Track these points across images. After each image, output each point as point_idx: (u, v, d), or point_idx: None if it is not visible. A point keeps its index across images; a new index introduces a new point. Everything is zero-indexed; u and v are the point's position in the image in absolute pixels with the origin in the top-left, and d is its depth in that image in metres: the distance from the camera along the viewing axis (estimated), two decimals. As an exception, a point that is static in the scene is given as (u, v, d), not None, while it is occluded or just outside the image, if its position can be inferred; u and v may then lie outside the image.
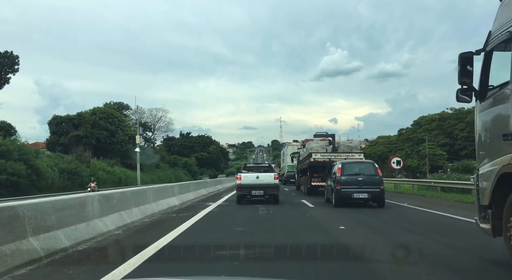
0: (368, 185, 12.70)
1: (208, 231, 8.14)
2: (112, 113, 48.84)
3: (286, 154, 46.86)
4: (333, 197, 13.16)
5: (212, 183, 26.37)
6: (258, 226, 8.66)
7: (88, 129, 44.85)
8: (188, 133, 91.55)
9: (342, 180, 12.89)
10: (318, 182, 18.90)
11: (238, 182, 14.84)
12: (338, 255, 5.68)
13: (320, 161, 18.49)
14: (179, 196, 14.85)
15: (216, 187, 26.80)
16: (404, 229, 8.35)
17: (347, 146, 19.56)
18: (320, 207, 13.32)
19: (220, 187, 28.06)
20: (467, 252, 5.75)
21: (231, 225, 8.79)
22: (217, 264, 5.02)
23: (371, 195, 12.70)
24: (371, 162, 14.16)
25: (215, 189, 25.43)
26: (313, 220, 9.97)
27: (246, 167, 16.50)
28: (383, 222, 9.44)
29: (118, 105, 57.23)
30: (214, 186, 25.75)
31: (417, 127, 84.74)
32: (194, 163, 78.11)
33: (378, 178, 12.96)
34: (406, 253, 5.75)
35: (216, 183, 28.40)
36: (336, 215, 10.96)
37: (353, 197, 12.73)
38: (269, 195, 14.51)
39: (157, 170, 57.52)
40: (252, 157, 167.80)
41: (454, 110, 76.70)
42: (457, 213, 10.78)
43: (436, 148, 64.25)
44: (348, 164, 13.93)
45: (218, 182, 29.91)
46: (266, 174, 14.78)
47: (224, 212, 12.02)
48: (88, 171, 30.85)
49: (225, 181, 34.95)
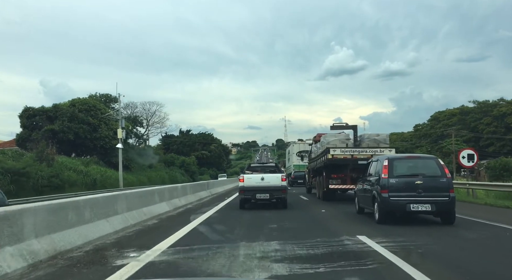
0: (431, 191, 8.94)
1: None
2: (95, 104, 42.56)
3: (291, 153, 44.78)
4: (377, 209, 9.40)
5: (188, 189, 16.33)
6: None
7: (65, 122, 38.62)
8: (188, 130, 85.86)
9: (392, 184, 9.10)
10: (338, 184, 15.90)
11: (241, 184, 13.28)
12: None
13: (340, 158, 15.31)
14: (123, 215, 8.58)
15: (199, 194, 17.99)
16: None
17: (373, 140, 16.15)
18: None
19: (204, 195, 19.10)
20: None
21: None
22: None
23: (436, 206, 8.88)
24: (433, 157, 10.09)
25: (195, 198, 16.48)
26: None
27: (250, 167, 15.12)
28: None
29: (105, 97, 50.89)
30: (192, 194, 16.47)
31: (435, 122, 78.45)
32: (194, 162, 71.94)
33: (446, 181, 9.06)
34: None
35: (199, 188, 19.10)
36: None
37: (408, 209, 8.92)
38: (276, 198, 13.21)
39: (149, 170, 51.29)
40: (256, 156, 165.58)
41: (478, 103, 69.98)
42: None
43: (461, 144, 57.51)
44: (400, 160, 9.83)
45: (201, 187, 19.77)
46: (272, 175, 13.36)
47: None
48: (48, 171, 24.60)
49: (217, 184, 26.49)
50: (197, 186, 18.79)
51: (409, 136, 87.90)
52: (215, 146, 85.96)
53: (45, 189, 23.54)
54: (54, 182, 24.46)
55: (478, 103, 69.83)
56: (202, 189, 19.51)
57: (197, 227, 8.70)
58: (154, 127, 64.08)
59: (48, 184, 23.82)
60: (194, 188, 17.70)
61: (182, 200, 13.76)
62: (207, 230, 8.30)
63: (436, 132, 73.70)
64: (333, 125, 18.25)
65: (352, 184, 14.84)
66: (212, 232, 8.02)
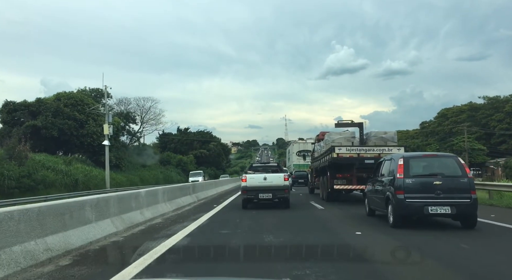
0: (451, 192, 8.24)
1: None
2: (82, 99, 39.54)
3: (292, 153, 44.17)
4: (391, 212, 8.73)
5: (161, 195, 11.81)
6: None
7: (48, 118, 35.64)
8: (187, 128, 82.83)
9: (408, 185, 8.45)
10: (343, 185, 15.36)
11: (244, 184, 13.34)
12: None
13: (346, 157, 14.81)
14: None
15: (178, 201, 13.60)
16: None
17: (380, 138, 15.65)
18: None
19: (187, 202, 14.81)
20: None
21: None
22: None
23: (456, 209, 8.16)
24: (452, 156, 9.48)
25: (170, 208, 12.21)
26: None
27: (252, 167, 15.21)
28: None
29: (96, 91, 47.74)
30: (167, 203, 12.22)
31: (442, 119, 75.29)
32: (191, 161, 69.03)
33: (467, 182, 8.37)
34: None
35: (180, 192, 14.53)
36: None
37: (426, 212, 8.24)
38: (279, 198, 13.25)
39: (143, 170, 48.31)
40: (257, 155, 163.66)
41: (488, 99, 66.79)
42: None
43: (473, 141, 54.45)
44: (416, 159, 9.35)
45: (183, 191, 15.19)
46: (274, 175, 13.46)
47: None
48: (19, 171, 21.58)
49: (208, 187, 20.52)
50: (176, 190, 14.10)
51: (415, 134, 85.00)
52: (214, 144, 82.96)
53: (14, 191, 20.57)
54: (25, 183, 21.47)
55: (488, 99, 66.62)
56: (184, 193, 15.07)
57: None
58: (149, 124, 60.86)
59: (18, 186, 20.81)
60: (172, 193, 13.26)
61: (147, 212, 9.81)
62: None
63: (444, 129, 70.64)
64: (338, 123, 17.50)
65: (358, 185, 14.70)
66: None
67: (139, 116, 57.53)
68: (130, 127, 53.54)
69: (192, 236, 7.55)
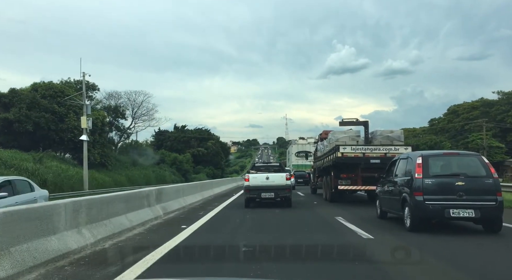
0: (474, 194, 7.73)
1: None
2: (63, 90, 35.63)
3: (291, 153, 44.25)
4: (408, 214, 8.21)
5: (84, 212, 6.50)
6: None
7: (22, 110, 31.76)
8: (184, 126, 78.91)
9: (428, 186, 7.92)
10: (347, 185, 15.07)
11: (246, 183, 13.74)
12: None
13: (351, 157, 14.43)
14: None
15: (123, 222, 8.00)
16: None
17: (386, 137, 15.37)
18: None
19: (144, 219, 9.19)
20: None
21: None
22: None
23: (480, 212, 7.63)
24: (475, 155, 8.77)
25: (105, 233, 7.00)
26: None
27: (254, 166, 15.60)
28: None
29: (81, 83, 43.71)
30: (100, 224, 7.03)
31: (452, 116, 71.35)
32: (188, 160, 65.12)
33: (493, 183, 7.81)
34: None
35: (136, 204, 9.17)
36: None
37: (448, 215, 7.74)
38: (281, 197, 13.60)
39: (132, 168, 44.37)
40: (257, 154, 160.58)
41: (503, 94, 62.82)
42: None
43: (490, 139, 50.53)
44: (436, 157, 8.64)
45: (137, 201, 9.31)
46: (277, 174, 13.82)
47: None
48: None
49: (188, 192, 15.13)
50: (117, 200, 8.13)
51: (422, 131, 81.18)
52: (212, 142, 78.94)
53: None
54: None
55: (503, 94, 62.67)
56: (139, 206, 9.32)
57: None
58: (141, 120, 56.82)
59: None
60: (112, 206, 7.72)
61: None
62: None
63: (455, 126, 66.72)
64: (343, 121, 17.38)
65: (364, 185, 14.76)
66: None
67: (130, 111, 53.53)
68: (119, 123, 49.54)
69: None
